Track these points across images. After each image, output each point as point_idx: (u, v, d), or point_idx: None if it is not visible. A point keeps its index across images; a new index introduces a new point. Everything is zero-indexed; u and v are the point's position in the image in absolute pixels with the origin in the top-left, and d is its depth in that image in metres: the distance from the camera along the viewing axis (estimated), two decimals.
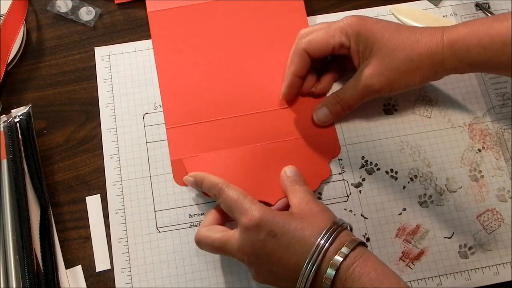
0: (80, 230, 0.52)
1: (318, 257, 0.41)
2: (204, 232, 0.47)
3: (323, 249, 0.41)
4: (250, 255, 0.43)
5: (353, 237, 0.43)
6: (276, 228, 0.43)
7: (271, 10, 0.59)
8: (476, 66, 0.49)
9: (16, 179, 0.51)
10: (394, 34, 0.49)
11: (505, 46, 0.46)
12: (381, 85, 0.50)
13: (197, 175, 0.51)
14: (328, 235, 0.42)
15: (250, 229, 0.43)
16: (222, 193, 0.47)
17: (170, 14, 0.59)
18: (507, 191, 0.53)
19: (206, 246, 0.47)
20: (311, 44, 0.52)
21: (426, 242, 0.52)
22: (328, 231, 0.42)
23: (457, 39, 0.47)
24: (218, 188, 0.48)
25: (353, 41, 0.50)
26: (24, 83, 0.57)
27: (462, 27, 0.48)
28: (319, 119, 0.54)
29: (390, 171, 0.54)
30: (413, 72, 0.49)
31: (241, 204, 0.45)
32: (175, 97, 0.56)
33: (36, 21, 0.60)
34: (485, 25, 0.47)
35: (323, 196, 0.53)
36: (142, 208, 0.52)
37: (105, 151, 0.54)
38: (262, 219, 0.43)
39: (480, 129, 0.56)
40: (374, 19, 0.51)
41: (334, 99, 0.53)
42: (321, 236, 0.42)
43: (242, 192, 0.47)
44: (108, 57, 0.58)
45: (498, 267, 0.51)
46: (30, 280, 0.47)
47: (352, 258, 0.41)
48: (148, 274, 0.50)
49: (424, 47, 0.48)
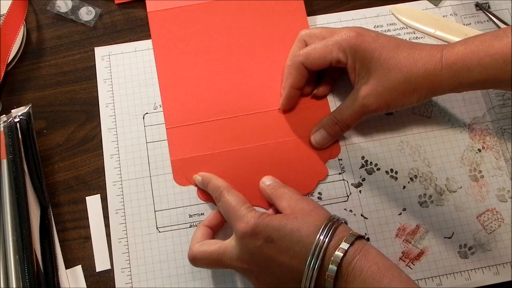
0: (80, 230, 0.52)
1: (319, 255, 0.40)
2: (198, 247, 0.46)
3: (323, 246, 0.41)
4: (249, 262, 0.43)
5: (351, 231, 0.43)
6: (273, 232, 0.42)
7: (271, 10, 0.59)
8: (475, 85, 0.48)
9: (16, 179, 0.51)
10: (392, 53, 0.48)
11: (506, 64, 0.45)
12: (378, 105, 0.49)
13: (206, 176, 0.51)
14: (326, 231, 0.41)
15: (246, 236, 0.43)
16: (222, 197, 0.47)
17: (170, 14, 0.59)
18: (507, 191, 0.53)
19: (203, 262, 0.46)
20: (308, 58, 0.51)
21: (426, 242, 0.52)
22: (325, 227, 0.42)
23: (456, 60, 0.46)
24: (219, 191, 0.48)
25: (350, 59, 0.50)
26: (24, 83, 0.57)
27: (461, 46, 0.47)
28: (317, 142, 0.53)
29: (390, 171, 0.54)
30: (410, 93, 0.48)
31: (237, 210, 0.45)
32: (175, 97, 0.56)
33: (36, 21, 0.60)
34: (485, 44, 0.46)
35: (323, 196, 0.53)
36: (142, 208, 0.52)
37: (105, 151, 0.54)
38: (258, 225, 0.43)
39: (480, 129, 0.56)
40: (374, 34, 0.50)
41: (331, 120, 0.52)
42: (319, 233, 0.41)
43: (241, 199, 0.46)
44: (108, 57, 0.58)
45: (498, 267, 0.51)
46: (30, 280, 0.47)
47: (352, 253, 0.40)
48: (148, 274, 0.50)
49: (422, 68, 0.47)
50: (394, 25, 0.60)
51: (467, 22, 0.60)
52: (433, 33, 0.59)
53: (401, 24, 0.60)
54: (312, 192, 0.53)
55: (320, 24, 0.60)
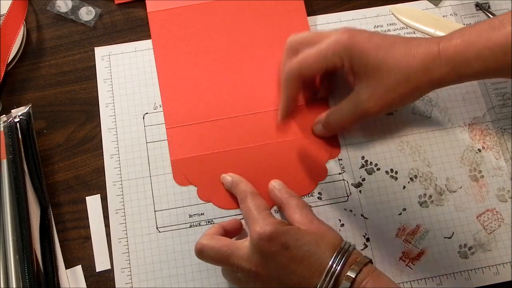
0: (80, 230, 0.52)
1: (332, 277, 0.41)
2: (208, 239, 0.46)
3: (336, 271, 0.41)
4: (259, 265, 0.43)
5: (363, 255, 0.43)
6: (290, 240, 0.42)
7: (271, 10, 0.59)
8: (475, 77, 0.47)
9: (16, 179, 0.51)
10: (389, 52, 0.47)
11: (505, 55, 0.44)
12: (379, 108, 0.48)
13: (236, 178, 0.51)
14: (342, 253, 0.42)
15: (262, 239, 0.43)
16: (246, 200, 0.47)
17: (170, 14, 0.59)
18: (507, 191, 0.53)
19: (209, 254, 0.45)
20: (302, 68, 0.49)
21: (426, 242, 0.52)
22: (341, 250, 0.42)
23: (455, 54, 0.45)
24: (245, 194, 0.48)
25: (347, 62, 0.48)
26: (24, 83, 0.57)
27: (458, 39, 0.45)
28: (317, 134, 0.54)
29: (390, 171, 0.54)
30: (411, 92, 0.48)
31: (257, 214, 0.45)
32: (175, 97, 0.56)
33: (36, 21, 0.60)
34: (483, 36, 0.45)
35: (323, 196, 0.53)
36: (142, 208, 0.52)
37: (105, 151, 0.54)
38: (276, 231, 0.43)
39: (480, 129, 0.56)
40: (367, 34, 0.48)
41: (328, 119, 0.52)
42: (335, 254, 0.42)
43: (263, 204, 0.47)
44: (108, 57, 0.58)
45: (498, 267, 0.51)
46: (30, 280, 0.47)
47: (365, 273, 0.41)
48: (148, 274, 0.50)
49: (421, 64, 0.46)
50: (394, 25, 0.60)
51: (467, 22, 0.60)
52: (433, 33, 0.59)
53: (401, 24, 0.60)
54: (312, 192, 0.53)
55: (320, 24, 0.60)
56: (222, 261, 0.45)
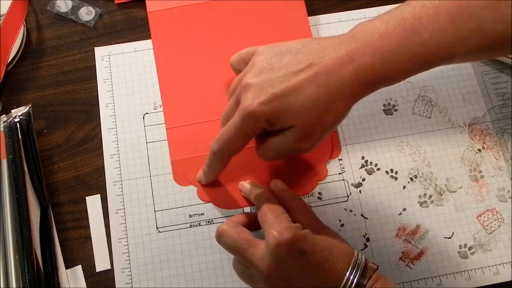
0: (80, 230, 0.52)
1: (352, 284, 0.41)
2: (233, 226, 0.46)
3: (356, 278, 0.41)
4: (272, 268, 0.43)
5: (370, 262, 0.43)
6: (306, 246, 0.42)
7: (272, 10, 0.59)
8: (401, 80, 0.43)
9: (16, 179, 0.51)
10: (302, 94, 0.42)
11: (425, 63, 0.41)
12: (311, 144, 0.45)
13: (254, 186, 0.51)
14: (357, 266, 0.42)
15: (280, 245, 0.42)
16: (263, 205, 0.46)
17: (170, 14, 0.59)
18: (507, 191, 0.53)
19: (227, 241, 0.45)
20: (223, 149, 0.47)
21: (426, 242, 0.52)
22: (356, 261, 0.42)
23: (372, 76, 0.41)
24: (262, 200, 0.47)
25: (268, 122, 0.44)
26: (24, 83, 0.57)
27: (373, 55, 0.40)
28: None
29: (390, 171, 0.54)
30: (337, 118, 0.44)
31: (274, 218, 0.44)
32: (175, 97, 0.56)
33: (36, 21, 0.60)
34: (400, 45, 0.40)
35: (323, 196, 0.53)
36: (142, 208, 0.52)
37: (105, 151, 0.54)
38: (294, 237, 0.42)
39: (480, 129, 0.56)
40: None
41: None
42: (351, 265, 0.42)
43: (280, 209, 0.46)
44: (108, 57, 0.58)
45: (498, 267, 0.51)
46: (30, 280, 0.47)
47: (374, 279, 0.41)
48: (148, 274, 0.50)
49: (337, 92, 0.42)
50: None
51: None
52: None
53: None
54: (312, 192, 0.53)
55: (320, 24, 0.60)
56: (237, 252, 0.45)
